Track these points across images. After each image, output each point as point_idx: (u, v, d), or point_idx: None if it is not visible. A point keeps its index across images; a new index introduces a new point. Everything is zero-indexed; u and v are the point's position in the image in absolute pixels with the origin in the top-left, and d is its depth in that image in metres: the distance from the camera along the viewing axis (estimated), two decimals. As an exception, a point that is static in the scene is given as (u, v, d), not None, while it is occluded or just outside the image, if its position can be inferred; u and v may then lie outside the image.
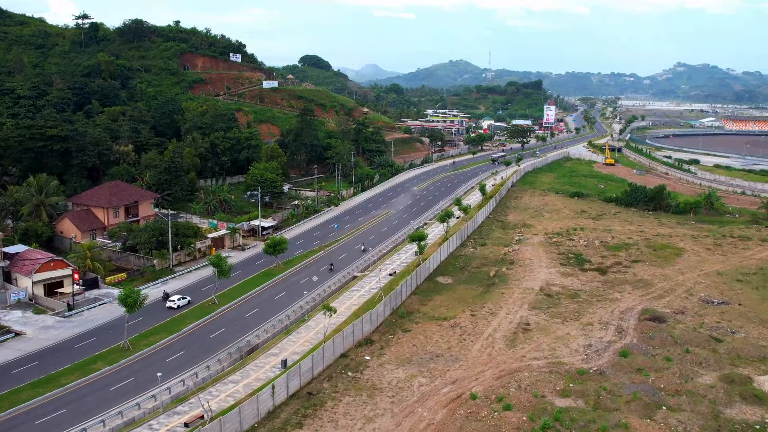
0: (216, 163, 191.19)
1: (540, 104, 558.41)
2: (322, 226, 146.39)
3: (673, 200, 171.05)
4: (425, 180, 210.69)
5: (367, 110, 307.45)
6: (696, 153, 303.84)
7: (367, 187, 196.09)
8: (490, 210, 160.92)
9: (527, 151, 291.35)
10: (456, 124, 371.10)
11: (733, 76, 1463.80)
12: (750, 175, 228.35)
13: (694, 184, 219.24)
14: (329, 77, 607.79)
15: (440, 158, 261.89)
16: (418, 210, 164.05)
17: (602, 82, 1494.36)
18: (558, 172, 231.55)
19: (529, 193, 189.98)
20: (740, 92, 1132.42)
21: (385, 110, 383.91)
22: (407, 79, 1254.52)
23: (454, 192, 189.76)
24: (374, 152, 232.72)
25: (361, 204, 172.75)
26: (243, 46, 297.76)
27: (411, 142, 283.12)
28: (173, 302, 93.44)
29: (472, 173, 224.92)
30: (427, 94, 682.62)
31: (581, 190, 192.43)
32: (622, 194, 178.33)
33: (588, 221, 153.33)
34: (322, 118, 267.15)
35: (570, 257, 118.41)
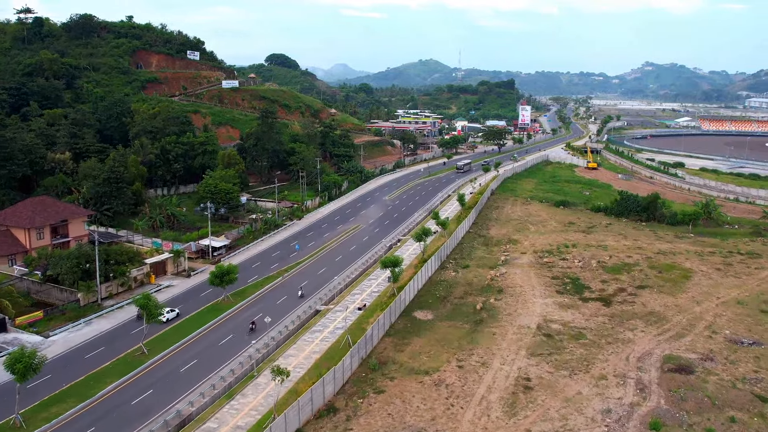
0: (167, 171, 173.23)
1: (513, 104, 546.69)
2: (283, 245, 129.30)
3: (667, 210, 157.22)
4: (398, 187, 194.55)
5: (335, 111, 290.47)
6: (678, 155, 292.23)
7: (335, 196, 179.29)
8: (471, 223, 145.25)
9: (504, 154, 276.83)
10: (428, 126, 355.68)
11: (700, 75, 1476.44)
12: (741, 179, 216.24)
13: (683, 189, 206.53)
14: (296, 77, 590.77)
15: (413, 163, 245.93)
16: (390, 223, 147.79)
17: (572, 82, 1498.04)
18: (539, 177, 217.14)
19: (510, 202, 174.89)
20: (709, 91, 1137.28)
21: (354, 111, 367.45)
22: (377, 79, 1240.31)
23: (429, 201, 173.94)
24: (342, 157, 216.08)
25: (327, 216, 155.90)
26: (201, 43, 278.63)
27: (382, 146, 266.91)
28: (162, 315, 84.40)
29: (447, 179, 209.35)
30: (398, 93, 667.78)
31: (566, 198, 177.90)
32: (611, 203, 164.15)
33: (578, 235, 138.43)
34: (286, 120, 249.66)
35: (566, 282, 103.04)
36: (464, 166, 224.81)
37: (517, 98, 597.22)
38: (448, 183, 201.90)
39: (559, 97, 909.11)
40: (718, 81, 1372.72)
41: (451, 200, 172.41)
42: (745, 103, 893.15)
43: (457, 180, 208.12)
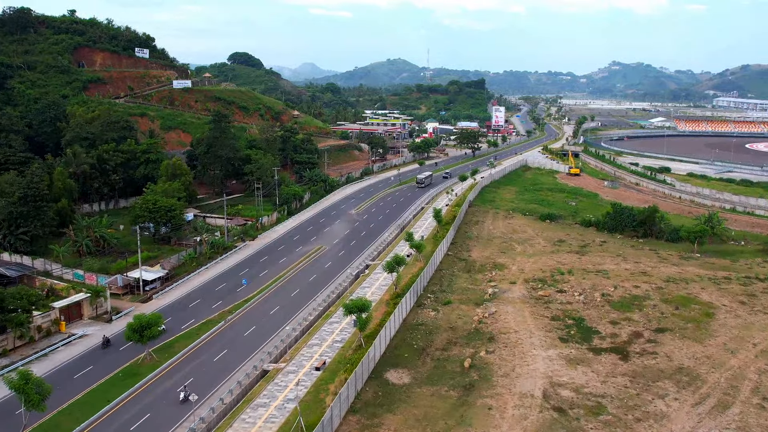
0: (104, 184, 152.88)
1: (483, 104, 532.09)
2: (231, 274, 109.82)
3: (666, 225, 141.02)
4: (366, 199, 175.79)
5: (298, 113, 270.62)
6: (661, 158, 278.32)
7: (295, 210, 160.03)
8: (449, 243, 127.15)
9: (479, 159, 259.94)
10: (398, 128, 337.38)
11: (666, 74, 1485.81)
12: (734, 186, 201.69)
13: (674, 198, 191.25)
14: (260, 76, 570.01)
15: (382, 169, 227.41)
16: (357, 244, 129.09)
17: (540, 81, 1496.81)
18: (519, 185, 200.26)
19: (491, 216, 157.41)
20: (676, 91, 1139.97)
21: (319, 112, 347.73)
22: (344, 78, 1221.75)
23: (401, 215, 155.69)
24: (304, 164, 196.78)
25: (285, 236, 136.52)
26: (151, 39, 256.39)
27: (348, 150, 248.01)
28: None
29: (421, 189, 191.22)
30: (366, 93, 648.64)
31: (552, 211, 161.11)
32: (603, 217, 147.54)
33: (572, 257, 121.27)
34: (244, 123, 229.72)
35: (569, 325, 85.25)
36: (425, 180, 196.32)
37: (488, 98, 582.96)
38: (421, 193, 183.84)
39: (529, 97, 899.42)
40: (684, 80, 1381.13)
41: (425, 214, 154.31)
42: (713, 103, 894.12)
43: (430, 189, 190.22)
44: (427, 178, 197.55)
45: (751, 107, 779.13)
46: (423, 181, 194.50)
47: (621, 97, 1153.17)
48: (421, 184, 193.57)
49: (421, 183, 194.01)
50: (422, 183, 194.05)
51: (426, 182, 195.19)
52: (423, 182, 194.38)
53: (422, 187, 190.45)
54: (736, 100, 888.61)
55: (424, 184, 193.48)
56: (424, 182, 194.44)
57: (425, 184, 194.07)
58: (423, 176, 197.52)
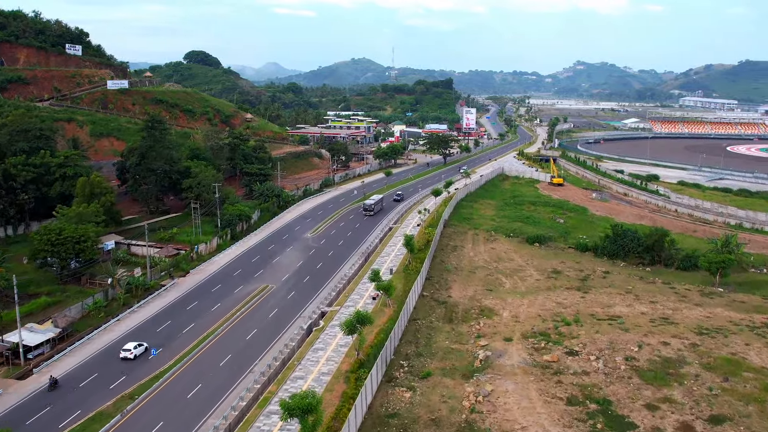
0: (10, 204, 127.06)
1: (451, 104, 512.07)
2: (146, 330, 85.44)
3: (677, 251, 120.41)
4: (324, 217, 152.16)
5: (251, 117, 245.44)
6: (644, 163, 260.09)
7: (240, 234, 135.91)
8: (424, 279, 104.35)
9: (451, 166, 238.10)
10: (362, 131, 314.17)
11: (630, 74, 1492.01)
12: (734, 197, 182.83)
13: (670, 211, 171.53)
14: (218, 75, 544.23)
15: (345, 180, 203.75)
16: (312, 280, 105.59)
17: (505, 81, 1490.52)
18: (498, 198, 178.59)
19: (470, 238, 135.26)
20: (642, 90, 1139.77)
21: (277, 114, 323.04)
22: (308, 78, 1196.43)
23: (365, 239, 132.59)
24: (255, 176, 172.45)
25: (225, 270, 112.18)
26: (85, 35, 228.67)
27: (307, 157, 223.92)
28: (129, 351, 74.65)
29: (388, 205, 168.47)
30: (329, 93, 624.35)
31: (539, 231, 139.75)
32: (602, 240, 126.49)
33: (573, 295, 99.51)
34: (189, 128, 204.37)
35: (592, 413, 62.65)
36: (374, 206, 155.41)
37: (456, 98, 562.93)
38: (388, 209, 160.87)
39: (497, 97, 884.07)
40: (648, 80, 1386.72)
41: (393, 237, 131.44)
42: (680, 102, 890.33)
43: (400, 204, 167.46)
44: (376, 204, 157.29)
45: (719, 107, 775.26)
46: (372, 208, 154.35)
47: (587, 96, 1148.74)
48: (369, 211, 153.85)
49: (370, 210, 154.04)
50: (371, 210, 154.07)
51: (376, 208, 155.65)
52: (372, 209, 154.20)
53: (371, 215, 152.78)
54: (703, 100, 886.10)
55: (374, 211, 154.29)
56: (373, 209, 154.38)
57: (374, 210, 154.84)
58: (371, 201, 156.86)
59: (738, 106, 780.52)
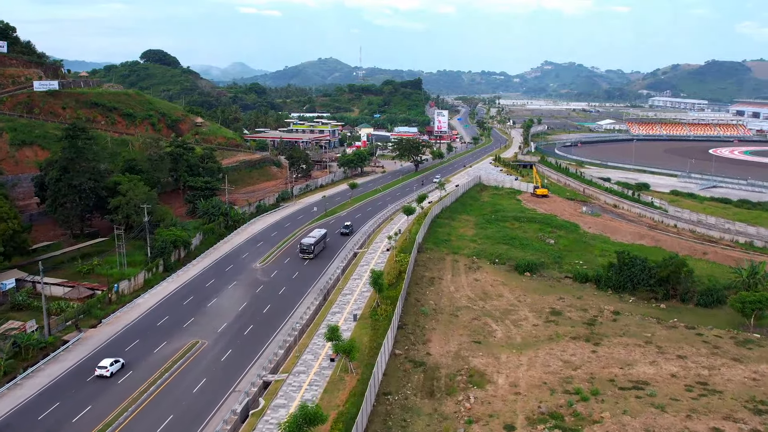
0: None
1: (421, 105, 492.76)
2: (23, 416, 63.21)
3: (694, 282, 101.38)
4: (278, 240, 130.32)
5: (202, 121, 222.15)
6: (629, 169, 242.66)
7: (176, 264, 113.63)
8: (396, 330, 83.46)
9: (424, 174, 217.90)
10: (327, 135, 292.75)
11: (597, 74, 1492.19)
12: (736, 209, 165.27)
13: (668, 227, 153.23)
14: (176, 76, 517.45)
15: (305, 192, 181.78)
16: (255, 332, 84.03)
17: (474, 81, 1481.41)
18: (477, 214, 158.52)
19: (449, 266, 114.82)
20: (610, 90, 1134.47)
21: (235, 117, 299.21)
22: (274, 78, 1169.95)
23: (324, 270, 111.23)
24: (201, 191, 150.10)
25: (146, 318, 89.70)
26: (11, 30, 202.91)
27: (264, 166, 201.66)
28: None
29: (352, 221, 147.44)
30: (294, 94, 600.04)
31: (529, 257, 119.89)
32: (605, 270, 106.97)
33: (582, 349, 79.71)
34: (128, 134, 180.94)
35: None
36: (314, 246, 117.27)
37: (425, 99, 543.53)
38: (336, 246, 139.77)
39: (466, 97, 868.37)
40: (615, 80, 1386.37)
41: (358, 267, 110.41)
42: (649, 102, 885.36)
43: (367, 221, 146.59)
44: (317, 243, 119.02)
45: (689, 107, 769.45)
46: (311, 250, 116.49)
47: (556, 96, 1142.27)
48: (307, 252, 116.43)
49: (308, 250, 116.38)
50: (309, 250, 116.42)
51: (316, 250, 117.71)
52: (310, 251, 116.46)
53: (310, 258, 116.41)
54: (672, 100, 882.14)
55: (313, 254, 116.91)
56: (312, 250, 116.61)
57: (314, 252, 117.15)
58: (310, 240, 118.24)
59: (708, 106, 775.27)
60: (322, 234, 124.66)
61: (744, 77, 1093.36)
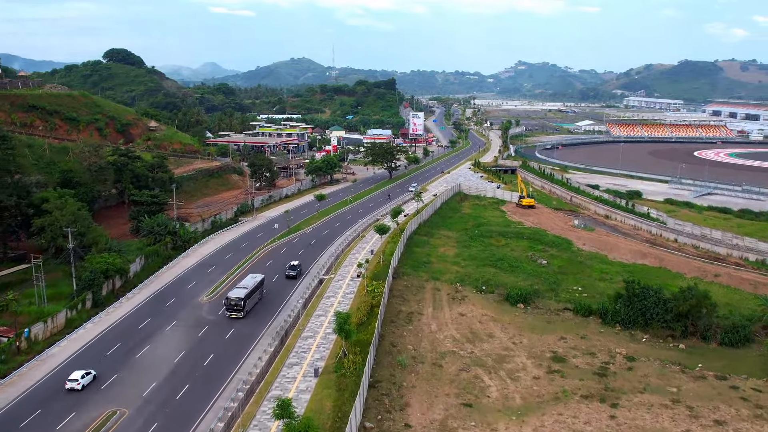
0: None
1: (395, 106, 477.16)
2: None
3: (717, 317, 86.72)
4: (231, 265, 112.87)
5: (156, 125, 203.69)
6: (616, 175, 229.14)
7: (110, 296, 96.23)
8: (365, 393, 67.15)
9: (399, 181, 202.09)
10: (295, 138, 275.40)
11: (571, 74, 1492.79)
12: (739, 221, 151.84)
13: (667, 241, 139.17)
14: (140, 76, 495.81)
15: (268, 204, 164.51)
16: (191, 395, 67.09)
17: (448, 81, 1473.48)
18: (458, 228, 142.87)
19: (429, 297, 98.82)
20: (584, 90, 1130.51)
21: (197, 119, 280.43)
22: (246, 78, 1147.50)
23: (283, 303, 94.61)
24: (148, 206, 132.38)
25: (58, 374, 71.77)
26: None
27: (223, 175, 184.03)
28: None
29: (319, 239, 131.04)
30: (264, 94, 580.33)
31: (520, 283, 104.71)
32: (611, 301, 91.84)
33: (597, 414, 64.39)
34: (69, 141, 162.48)
35: None
36: (243, 302, 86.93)
37: (399, 99, 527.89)
38: (319, 248, 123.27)
39: (440, 98, 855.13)
40: (588, 80, 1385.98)
41: (322, 302, 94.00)
42: (624, 102, 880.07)
43: (335, 240, 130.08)
44: (249, 297, 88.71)
45: (665, 107, 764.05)
46: (240, 306, 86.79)
47: (530, 96, 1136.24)
48: (236, 309, 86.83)
49: (237, 307, 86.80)
50: (238, 308, 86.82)
51: (247, 306, 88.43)
52: (240, 307, 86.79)
53: (239, 317, 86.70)
54: (647, 100, 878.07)
55: (244, 310, 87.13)
56: (242, 307, 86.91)
57: (245, 309, 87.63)
58: (239, 294, 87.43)
59: (683, 106, 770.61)
60: (255, 283, 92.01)
61: (717, 77, 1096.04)
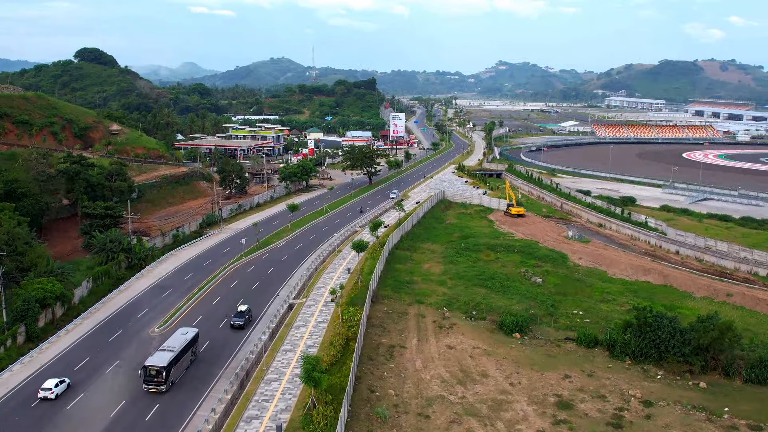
0: None
1: (375, 106, 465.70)
2: None
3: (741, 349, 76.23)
4: (191, 288, 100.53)
5: (119, 128, 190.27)
6: (606, 178, 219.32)
7: (49, 326, 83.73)
8: (339, 455, 55.69)
9: (378, 187, 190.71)
10: (270, 141, 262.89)
11: (551, 74, 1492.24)
12: (743, 230, 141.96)
13: (668, 253, 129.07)
14: (113, 76, 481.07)
15: (236, 214, 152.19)
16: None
17: (429, 81, 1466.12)
18: (444, 241, 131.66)
19: (413, 326, 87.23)
20: (566, 90, 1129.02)
21: (167, 121, 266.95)
22: (225, 78, 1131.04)
23: (243, 338, 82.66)
24: (101, 219, 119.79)
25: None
26: None
27: (190, 182, 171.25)
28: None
29: (291, 256, 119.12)
30: (241, 95, 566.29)
31: (514, 306, 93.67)
32: (620, 332, 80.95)
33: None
34: (19, 147, 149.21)
35: None
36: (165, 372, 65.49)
37: (380, 100, 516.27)
38: (289, 266, 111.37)
39: (421, 98, 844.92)
40: (569, 80, 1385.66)
41: (291, 332, 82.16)
42: (606, 102, 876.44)
43: (307, 257, 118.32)
44: (175, 362, 67.85)
45: (647, 107, 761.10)
46: (162, 375, 65.80)
47: (512, 96, 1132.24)
48: (156, 381, 65.81)
49: (157, 378, 65.82)
50: (159, 378, 65.84)
51: (174, 374, 67.75)
52: (161, 377, 65.81)
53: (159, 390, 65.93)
54: (628, 99, 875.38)
55: (167, 381, 66.21)
56: (164, 377, 65.87)
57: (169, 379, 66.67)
58: (160, 359, 66.87)
59: (666, 106, 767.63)
60: (185, 342, 71.38)
61: (697, 77, 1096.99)
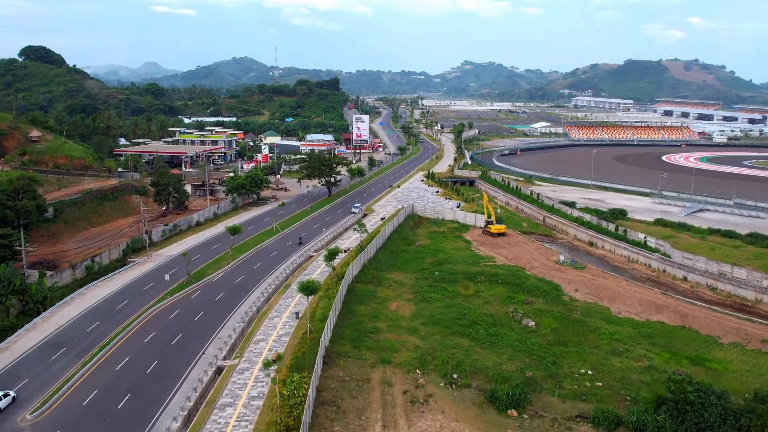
0: None
1: (339, 107, 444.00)
2: None
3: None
4: (93, 344, 78.38)
5: (39, 134, 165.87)
6: (589, 186, 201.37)
7: None
8: None
9: (339, 200, 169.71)
10: (222, 147, 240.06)
11: (517, 74, 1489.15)
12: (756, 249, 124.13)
13: (675, 280, 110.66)
14: (60, 75, 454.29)
15: (170, 235, 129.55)
16: None
17: (394, 81, 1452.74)
18: (414, 269, 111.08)
19: (377, 401, 66.35)
20: (532, 90, 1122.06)
21: (107, 125, 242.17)
22: (186, 78, 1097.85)
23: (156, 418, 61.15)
24: None
25: None
26: None
27: (121, 197, 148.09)
28: None
29: (228, 293, 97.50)
30: (198, 95, 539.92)
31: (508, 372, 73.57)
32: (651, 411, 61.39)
33: None
34: None
35: None
36: None
37: (344, 100, 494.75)
38: (224, 312, 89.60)
39: (387, 98, 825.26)
40: (534, 79, 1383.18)
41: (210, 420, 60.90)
42: (573, 102, 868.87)
43: (250, 292, 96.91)
44: None
45: (614, 106, 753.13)
46: None
47: (478, 96, 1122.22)
48: None
49: None
50: None
51: None
52: None
53: None
54: (596, 99, 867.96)
55: None
56: None
57: None
58: None
59: (633, 106, 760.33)
60: None
61: (662, 76, 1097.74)
